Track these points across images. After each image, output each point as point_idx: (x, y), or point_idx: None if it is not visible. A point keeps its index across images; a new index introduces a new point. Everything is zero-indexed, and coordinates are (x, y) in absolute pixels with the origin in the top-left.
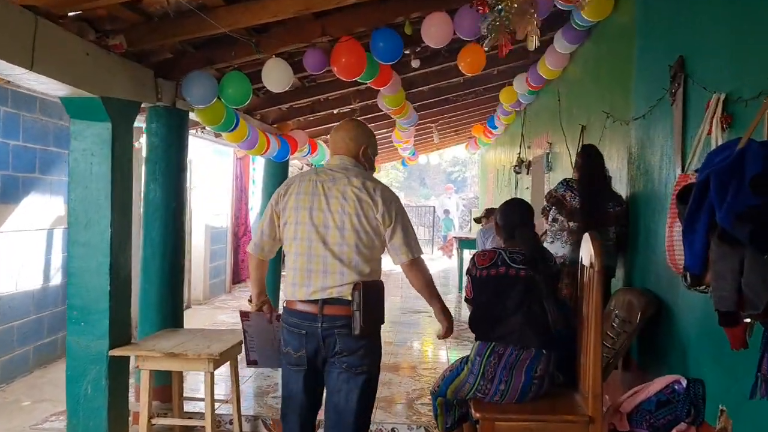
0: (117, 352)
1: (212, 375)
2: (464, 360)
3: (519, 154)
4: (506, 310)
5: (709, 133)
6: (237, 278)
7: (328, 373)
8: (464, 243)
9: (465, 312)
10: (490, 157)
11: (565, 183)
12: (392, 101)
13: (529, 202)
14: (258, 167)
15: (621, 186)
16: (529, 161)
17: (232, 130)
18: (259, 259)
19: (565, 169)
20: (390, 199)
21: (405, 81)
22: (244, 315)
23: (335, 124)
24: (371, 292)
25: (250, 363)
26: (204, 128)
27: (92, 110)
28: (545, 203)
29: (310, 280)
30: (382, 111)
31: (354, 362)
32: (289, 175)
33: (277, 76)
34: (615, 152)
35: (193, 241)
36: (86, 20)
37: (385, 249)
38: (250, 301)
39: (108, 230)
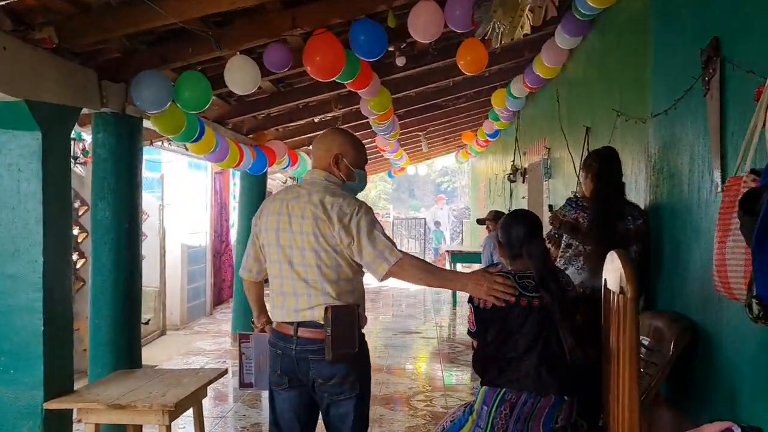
0: (54, 405)
1: (168, 428)
2: (468, 408)
3: (513, 161)
4: (518, 350)
5: (765, 126)
6: (219, 299)
7: (319, 404)
8: (456, 257)
9: (460, 329)
10: (481, 166)
11: (573, 203)
12: (378, 104)
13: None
14: (239, 182)
15: (637, 195)
16: (525, 169)
17: (196, 139)
18: (249, 281)
19: (567, 175)
20: (348, 213)
21: (389, 84)
22: (243, 337)
23: (318, 133)
24: (341, 317)
25: (244, 385)
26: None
27: (15, 117)
28: (551, 229)
29: (284, 302)
30: (364, 119)
31: (335, 390)
32: (268, 188)
33: (241, 76)
34: (629, 155)
35: (168, 262)
36: (11, 11)
37: (361, 267)
38: (252, 322)
39: (40, 259)
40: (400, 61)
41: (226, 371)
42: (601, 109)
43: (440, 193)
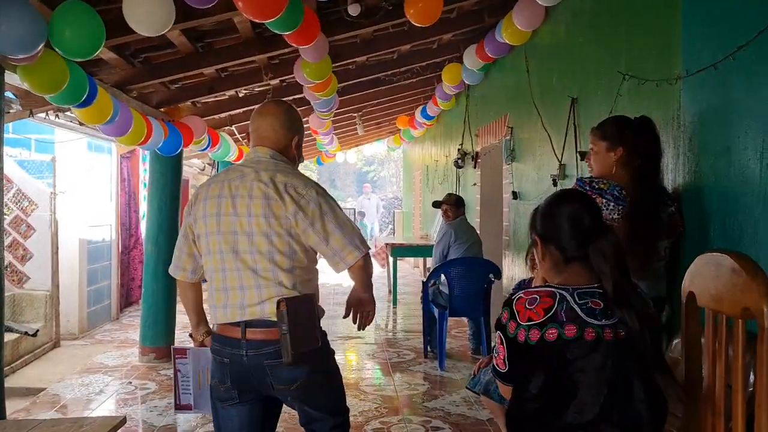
0: None
1: None
2: None
3: (461, 145)
4: (584, 412)
5: None
6: (127, 301)
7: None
8: (399, 251)
9: (404, 335)
10: (415, 153)
11: (588, 185)
12: (315, 72)
13: (479, 200)
14: (150, 166)
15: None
16: (476, 153)
17: (85, 103)
18: (183, 282)
19: (540, 157)
20: (306, 194)
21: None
22: (178, 352)
23: (239, 111)
24: (300, 309)
25: (180, 408)
26: (68, 110)
27: None
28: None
29: (227, 300)
30: (299, 94)
31: (299, 395)
32: (184, 176)
33: (147, 11)
34: None
35: (63, 261)
36: None
37: (316, 255)
38: (191, 335)
39: None
40: (354, 9)
41: (124, 421)
42: (595, 75)
43: (366, 182)
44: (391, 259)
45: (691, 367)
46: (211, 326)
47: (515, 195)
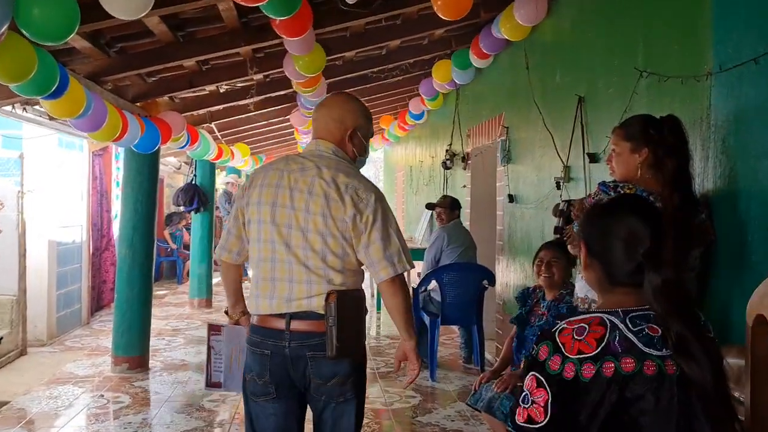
0: None
1: None
2: None
3: (450, 145)
4: None
5: None
6: (98, 304)
7: (313, 407)
8: None
9: (390, 342)
10: (398, 153)
11: (609, 188)
12: (308, 65)
13: (469, 203)
14: (124, 164)
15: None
16: (467, 153)
17: (56, 93)
18: (228, 263)
19: (540, 158)
20: (366, 198)
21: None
22: (213, 328)
23: (220, 107)
24: (349, 303)
25: (211, 385)
26: (37, 103)
27: None
28: (574, 224)
29: (274, 291)
30: (283, 90)
31: (334, 392)
32: (160, 174)
33: None
34: None
35: (31, 264)
36: None
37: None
38: (226, 312)
39: None
40: None
41: None
42: (605, 72)
43: None
44: None
45: (759, 399)
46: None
47: (511, 198)
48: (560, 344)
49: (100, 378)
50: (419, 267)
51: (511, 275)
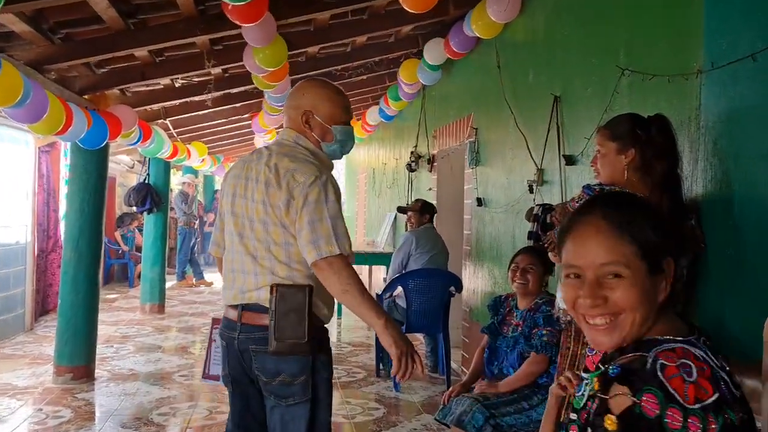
0: None
1: None
2: None
3: (416, 147)
4: None
5: None
6: (43, 309)
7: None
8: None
9: (351, 349)
10: (359, 155)
11: (595, 191)
12: (269, 58)
13: (435, 205)
14: (71, 160)
15: None
16: (433, 155)
17: None
18: (219, 257)
19: (510, 160)
20: (302, 182)
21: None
22: (217, 322)
23: (175, 103)
24: (290, 298)
25: (208, 377)
26: None
27: None
28: (555, 230)
29: (234, 282)
30: (243, 86)
31: (281, 391)
32: (110, 172)
33: None
34: None
35: None
36: None
37: None
38: None
39: None
40: None
41: None
42: (583, 71)
43: None
44: None
45: None
46: None
47: (480, 201)
48: (672, 391)
49: (40, 389)
50: (383, 272)
51: (478, 281)
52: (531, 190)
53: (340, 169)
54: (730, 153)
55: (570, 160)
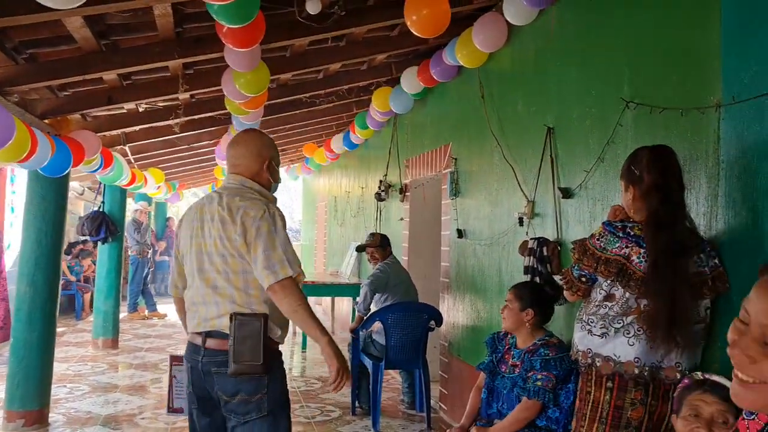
0: None
1: None
2: None
3: (386, 176)
4: None
5: None
6: None
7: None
8: (307, 289)
9: (307, 367)
10: (319, 183)
11: (620, 229)
12: (251, 83)
13: (407, 236)
14: (20, 188)
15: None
16: (405, 185)
17: None
18: (177, 297)
19: (495, 193)
20: (253, 216)
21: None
22: (175, 359)
23: (136, 128)
24: (247, 325)
25: (173, 410)
26: None
27: None
28: (572, 264)
29: (197, 313)
30: (212, 111)
31: (240, 409)
32: (70, 199)
33: None
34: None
35: None
36: None
37: None
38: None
39: None
40: (313, 7)
41: None
42: (579, 102)
43: None
44: None
45: None
46: None
47: (461, 233)
48: None
49: None
50: (349, 304)
51: (459, 315)
52: (521, 223)
53: (293, 196)
54: (757, 190)
55: (567, 193)
